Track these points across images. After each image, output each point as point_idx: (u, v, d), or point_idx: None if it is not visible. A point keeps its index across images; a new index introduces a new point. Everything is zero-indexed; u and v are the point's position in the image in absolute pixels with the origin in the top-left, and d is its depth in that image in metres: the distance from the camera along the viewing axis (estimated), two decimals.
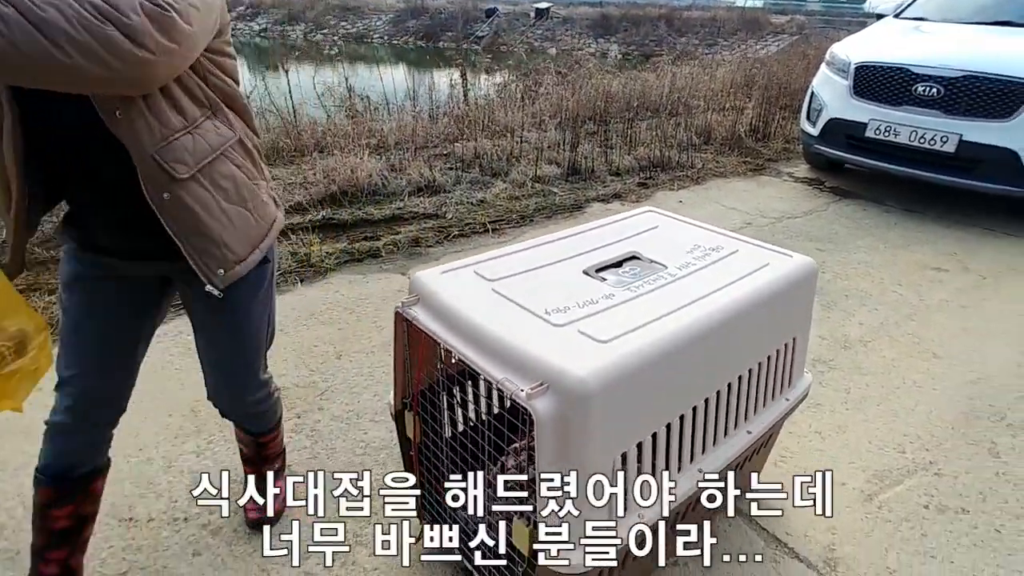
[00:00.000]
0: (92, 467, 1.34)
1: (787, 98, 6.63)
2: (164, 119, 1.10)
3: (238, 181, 1.23)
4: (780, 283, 1.39)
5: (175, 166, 1.11)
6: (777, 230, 3.84)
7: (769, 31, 19.00)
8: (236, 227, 1.22)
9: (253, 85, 5.46)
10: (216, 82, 1.19)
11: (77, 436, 1.30)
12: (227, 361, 1.42)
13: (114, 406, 1.34)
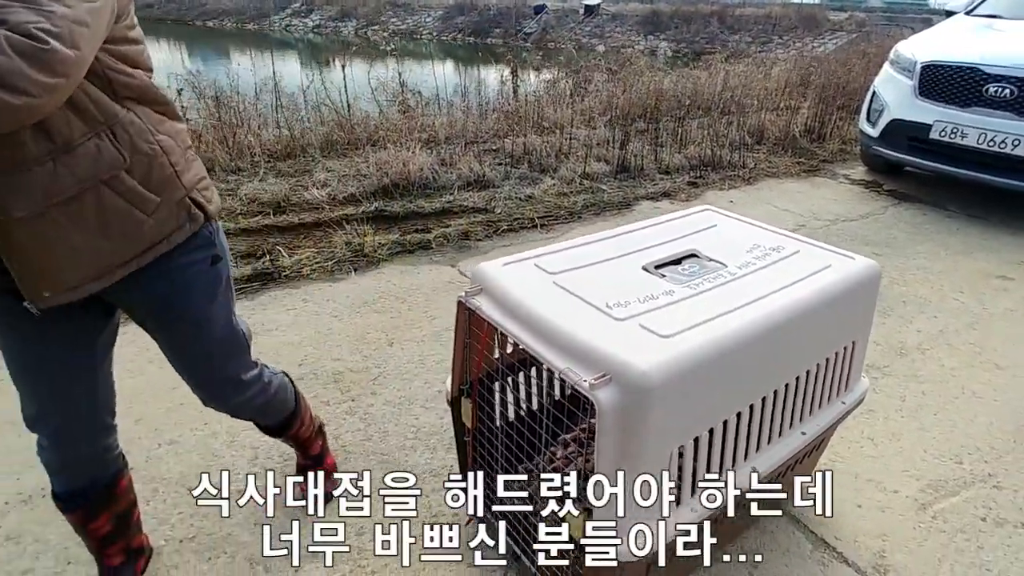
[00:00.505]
0: (106, 478, 1.31)
1: (845, 98, 6.43)
2: (15, 142, 0.92)
3: (107, 211, 1.04)
4: (842, 285, 1.38)
5: (11, 201, 0.95)
6: (831, 233, 3.75)
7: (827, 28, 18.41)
8: (79, 258, 1.05)
9: (310, 80, 5.61)
10: (122, 80, 1.02)
11: (73, 464, 1.26)
12: (197, 367, 1.32)
13: (95, 425, 1.27)
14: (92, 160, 0.99)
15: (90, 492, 1.28)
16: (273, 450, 1.90)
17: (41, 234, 0.99)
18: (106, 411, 1.29)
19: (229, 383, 1.37)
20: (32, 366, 1.16)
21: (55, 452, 1.23)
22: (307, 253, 3.13)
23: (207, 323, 1.27)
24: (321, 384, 2.21)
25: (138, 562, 1.47)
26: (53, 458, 1.24)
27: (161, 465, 1.83)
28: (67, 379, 1.19)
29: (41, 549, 1.55)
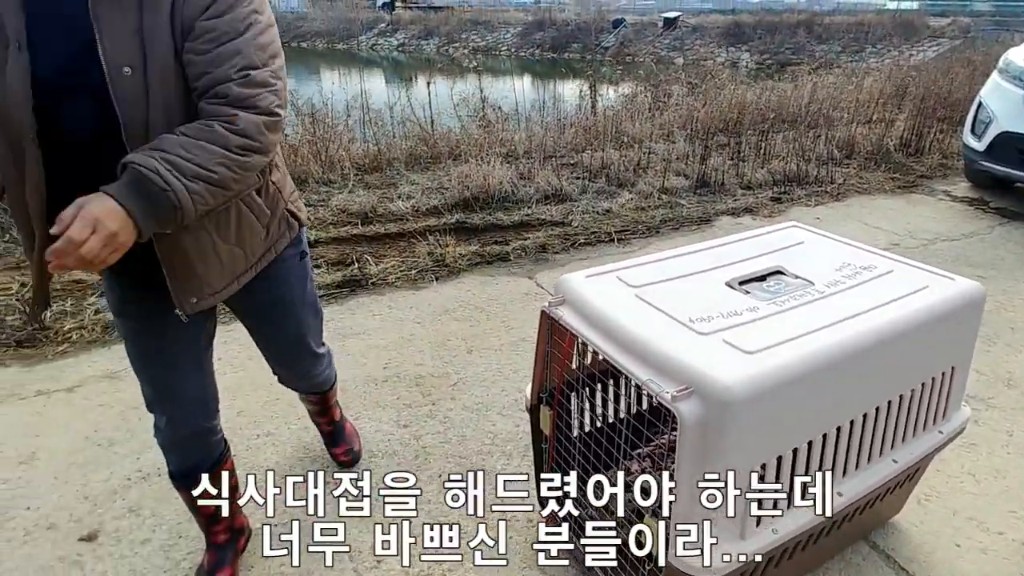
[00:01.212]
0: (212, 460, 1.45)
1: (946, 109, 6.04)
2: None
3: (243, 224, 1.23)
4: (940, 307, 1.32)
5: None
6: (929, 253, 3.53)
7: (926, 35, 17.31)
8: (223, 265, 1.22)
9: (396, 96, 5.88)
10: None
11: (184, 444, 1.41)
12: (291, 350, 1.55)
13: (202, 409, 1.40)
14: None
15: (198, 473, 1.39)
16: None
17: (198, 241, 1.16)
18: (211, 397, 1.44)
19: (311, 357, 1.61)
20: (153, 357, 1.33)
21: (169, 432, 1.39)
22: (392, 262, 3.28)
23: (301, 308, 1.49)
24: (404, 387, 2.32)
25: (239, 541, 1.62)
26: (167, 438, 1.40)
27: (259, 454, 1.97)
28: (180, 368, 1.35)
29: (157, 523, 1.71)
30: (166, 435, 1.40)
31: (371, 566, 1.60)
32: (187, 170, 0.99)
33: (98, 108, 1.01)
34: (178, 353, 1.33)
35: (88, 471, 1.90)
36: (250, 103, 1.05)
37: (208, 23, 1.03)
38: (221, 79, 1.03)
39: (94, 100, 1.01)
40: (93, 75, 0.99)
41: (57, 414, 2.16)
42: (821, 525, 1.27)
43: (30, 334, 2.61)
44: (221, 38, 1.04)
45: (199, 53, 1.03)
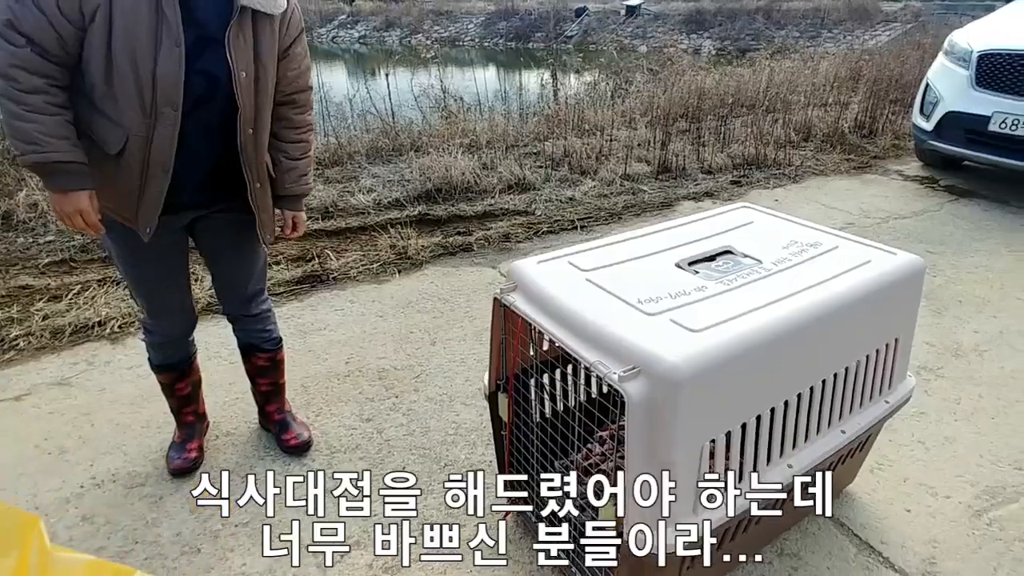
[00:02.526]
0: (190, 354, 1.86)
1: (898, 91, 6.20)
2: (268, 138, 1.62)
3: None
4: (882, 281, 1.36)
5: (270, 170, 1.66)
6: (883, 231, 3.63)
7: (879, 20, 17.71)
8: (273, 214, 1.72)
9: (356, 89, 5.79)
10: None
11: (174, 346, 1.80)
12: (247, 274, 1.80)
13: (190, 317, 1.80)
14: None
15: (179, 365, 1.84)
16: (321, 442, 1.99)
17: (267, 188, 1.68)
18: (192, 302, 1.81)
19: (263, 286, 1.89)
20: (164, 274, 1.67)
21: (162, 336, 1.77)
22: (354, 256, 3.24)
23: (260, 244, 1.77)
24: (367, 381, 2.30)
25: (203, 423, 1.98)
26: (161, 340, 1.78)
27: (219, 455, 1.94)
28: (179, 278, 1.73)
29: (112, 530, 1.67)
30: (160, 340, 1.77)
31: (334, 561, 1.58)
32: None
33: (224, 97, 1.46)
34: (180, 275, 1.72)
35: (38, 480, 1.84)
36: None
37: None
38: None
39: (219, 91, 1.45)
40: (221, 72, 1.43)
41: (4, 423, 2.08)
42: (775, 498, 1.29)
43: None
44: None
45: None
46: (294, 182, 1.69)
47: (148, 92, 1.35)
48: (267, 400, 1.98)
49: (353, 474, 1.84)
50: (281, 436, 1.96)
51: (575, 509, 1.48)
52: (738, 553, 1.48)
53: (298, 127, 1.67)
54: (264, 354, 1.90)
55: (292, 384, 2.26)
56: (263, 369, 1.93)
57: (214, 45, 1.40)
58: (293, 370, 2.35)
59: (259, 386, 1.96)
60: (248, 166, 1.54)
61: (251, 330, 1.88)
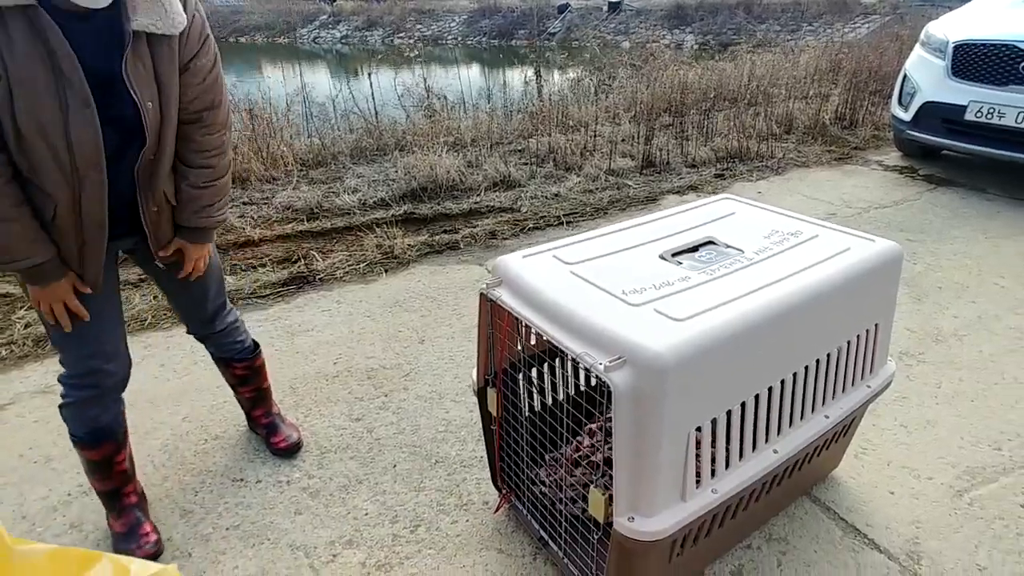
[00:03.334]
0: (123, 407, 1.61)
1: (877, 83, 6.29)
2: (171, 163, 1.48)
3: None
4: (861, 267, 1.38)
5: (169, 197, 1.50)
6: (864, 220, 3.68)
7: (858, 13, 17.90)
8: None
9: (339, 89, 5.76)
10: None
11: (116, 388, 1.55)
12: (201, 295, 1.69)
13: (127, 361, 1.58)
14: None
15: (115, 426, 1.57)
16: (311, 442, 1.99)
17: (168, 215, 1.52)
18: (128, 353, 1.59)
19: (225, 301, 1.78)
20: (100, 312, 1.48)
21: (94, 388, 1.51)
22: (340, 257, 3.23)
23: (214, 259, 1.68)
24: (356, 381, 2.29)
25: (144, 504, 1.71)
26: (91, 394, 1.51)
27: (208, 459, 1.93)
28: (116, 315, 1.56)
29: (102, 536, 1.65)
30: (90, 394, 1.50)
31: (327, 560, 1.58)
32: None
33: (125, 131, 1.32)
34: (116, 311, 1.55)
35: (24, 489, 1.83)
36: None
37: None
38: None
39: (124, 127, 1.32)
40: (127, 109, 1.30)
41: None
42: (760, 483, 1.32)
43: None
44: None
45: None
46: (195, 213, 1.51)
47: (65, 158, 1.24)
48: (253, 406, 1.96)
49: (344, 474, 1.86)
50: (270, 439, 1.95)
51: (566, 500, 1.50)
52: (726, 538, 1.51)
53: (204, 150, 1.48)
54: (241, 363, 1.85)
55: (281, 385, 2.26)
56: (243, 378, 1.89)
57: (113, 83, 1.26)
58: (281, 371, 2.34)
59: (242, 393, 1.93)
60: (142, 191, 1.40)
61: (222, 344, 1.81)
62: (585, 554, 1.40)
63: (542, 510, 1.56)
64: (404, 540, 1.64)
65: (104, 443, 1.56)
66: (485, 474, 1.84)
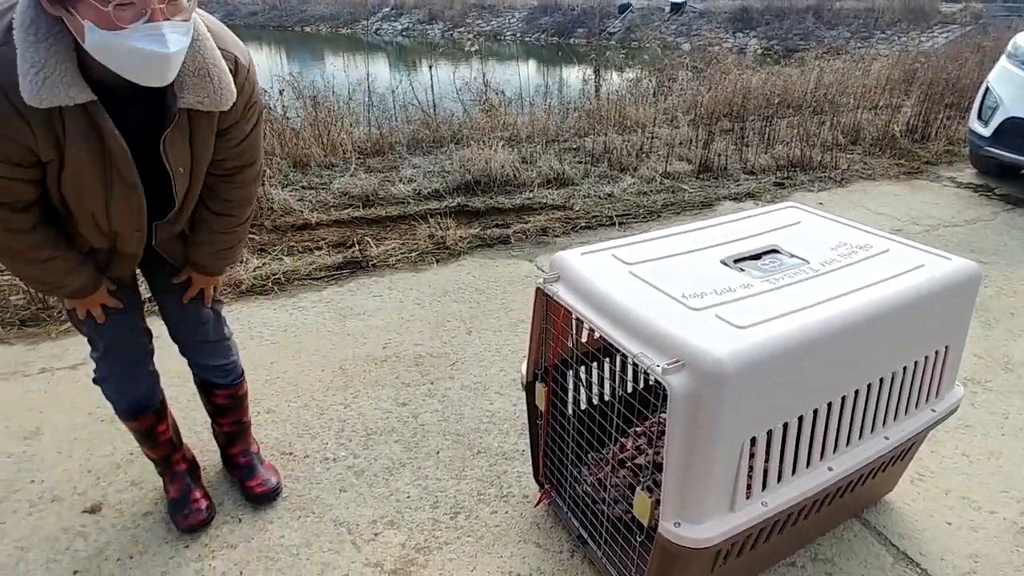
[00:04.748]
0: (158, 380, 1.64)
1: (954, 95, 6.00)
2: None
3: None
4: (934, 286, 1.33)
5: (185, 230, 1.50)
6: (932, 238, 3.52)
7: (937, 21, 17.08)
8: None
9: (399, 81, 5.85)
10: None
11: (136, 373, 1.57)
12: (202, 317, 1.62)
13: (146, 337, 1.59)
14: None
15: (151, 398, 1.61)
16: (357, 423, 2.04)
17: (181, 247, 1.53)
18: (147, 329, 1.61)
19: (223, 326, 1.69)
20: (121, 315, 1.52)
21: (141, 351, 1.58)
22: (393, 244, 3.29)
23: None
24: (403, 366, 2.34)
25: (198, 469, 1.77)
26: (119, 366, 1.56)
27: (260, 431, 2.00)
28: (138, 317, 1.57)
29: (159, 496, 1.74)
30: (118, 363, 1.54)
31: (368, 539, 1.62)
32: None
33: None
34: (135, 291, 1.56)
35: (91, 446, 1.93)
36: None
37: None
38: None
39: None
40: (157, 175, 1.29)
41: (60, 391, 2.18)
42: (812, 500, 1.28)
43: (34, 313, 2.63)
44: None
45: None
46: (211, 255, 1.50)
47: (104, 225, 1.29)
48: (230, 441, 1.79)
49: (388, 456, 1.90)
50: (246, 482, 1.74)
51: (609, 501, 1.49)
52: (771, 554, 1.48)
53: (229, 200, 1.46)
54: (223, 390, 1.69)
55: (331, 365, 2.33)
56: (222, 408, 1.73)
57: (149, 153, 1.25)
58: (333, 351, 2.41)
59: (220, 426, 1.77)
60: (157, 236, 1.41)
61: (205, 364, 1.66)
62: (625, 556, 1.39)
63: (583, 508, 1.55)
64: (444, 526, 1.66)
65: (142, 415, 1.59)
66: (526, 467, 1.85)
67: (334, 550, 1.59)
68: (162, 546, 1.60)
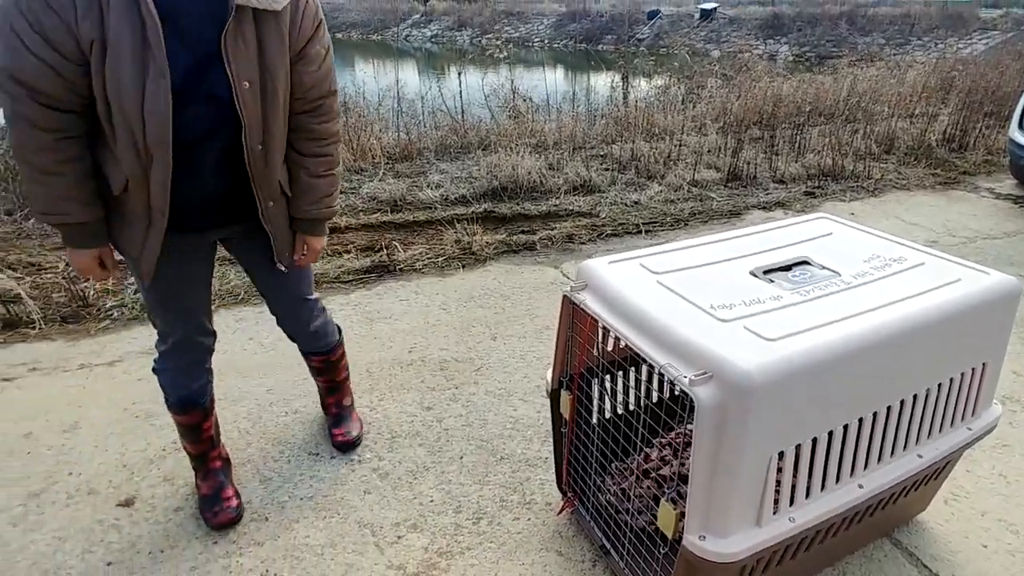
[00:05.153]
0: (211, 379, 1.70)
1: (994, 104, 5.84)
2: (283, 152, 1.47)
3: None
4: (971, 301, 1.29)
5: (284, 186, 1.50)
6: (969, 251, 3.43)
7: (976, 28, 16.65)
8: (291, 233, 1.58)
9: (428, 87, 5.92)
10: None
11: (199, 361, 1.64)
12: (292, 294, 1.72)
13: (212, 326, 1.66)
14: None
15: (202, 395, 1.67)
16: (383, 426, 2.06)
17: (284, 210, 1.55)
18: (209, 329, 1.66)
19: (314, 303, 1.79)
20: (187, 290, 1.56)
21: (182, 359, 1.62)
22: (420, 249, 3.32)
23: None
24: (429, 370, 2.36)
25: (230, 467, 1.82)
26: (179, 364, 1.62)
27: (287, 431, 2.04)
28: (203, 295, 1.61)
29: (190, 492, 1.78)
30: (177, 364, 1.61)
31: (391, 541, 1.64)
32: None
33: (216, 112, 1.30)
34: (203, 292, 1.61)
35: (127, 441, 1.99)
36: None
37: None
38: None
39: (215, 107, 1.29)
40: (221, 89, 1.27)
41: (98, 387, 2.25)
42: (841, 517, 1.26)
43: (74, 311, 2.72)
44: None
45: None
46: (313, 203, 1.53)
47: (139, 132, 1.23)
48: (327, 393, 2.01)
49: (412, 459, 1.92)
50: (332, 429, 1.98)
51: (633, 512, 1.49)
52: (797, 571, 1.45)
53: (321, 138, 1.49)
54: (318, 356, 1.89)
55: (357, 368, 2.36)
56: (318, 369, 1.94)
57: (212, 60, 1.25)
58: (360, 355, 2.44)
59: (318, 381, 1.99)
60: (258, 184, 1.41)
61: (306, 341, 1.83)
62: (648, 568, 1.38)
63: (606, 518, 1.55)
64: (466, 531, 1.67)
65: (191, 411, 1.66)
66: (549, 475, 1.85)
67: (358, 551, 1.61)
68: (192, 541, 1.64)
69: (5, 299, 2.69)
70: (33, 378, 2.30)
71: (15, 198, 3.68)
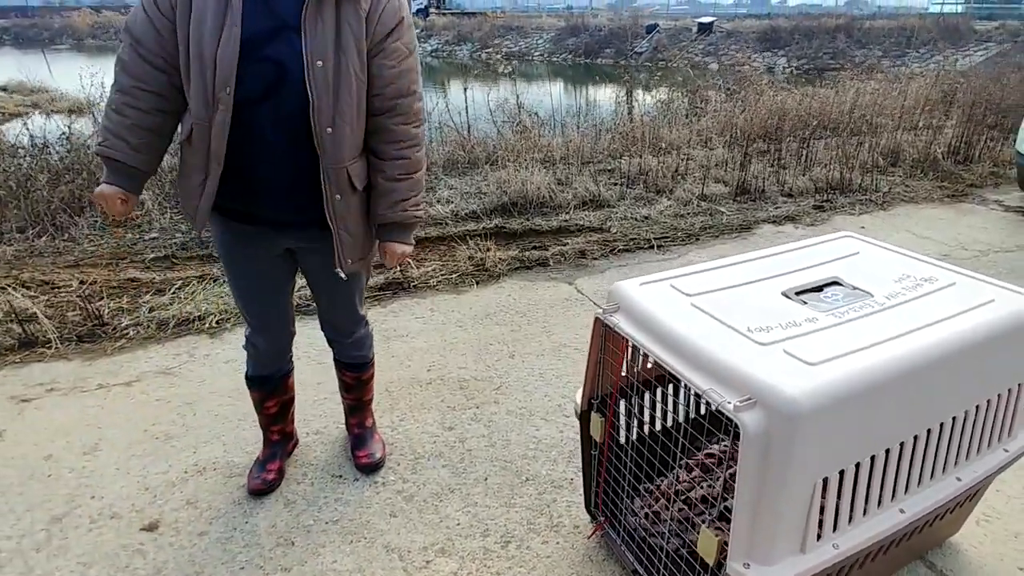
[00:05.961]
0: (284, 371, 1.84)
1: (996, 116, 5.87)
2: (356, 143, 1.49)
3: (367, 207, 1.60)
4: (1008, 322, 1.29)
5: (355, 180, 1.51)
6: (981, 265, 3.43)
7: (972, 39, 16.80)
8: (364, 237, 1.61)
9: (434, 103, 5.95)
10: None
11: (270, 356, 1.79)
12: (345, 307, 1.78)
13: (288, 331, 1.80)
14: (365, 166, 1.60)
15: (272, 378, 1.82)
16: (405, 447, 2.05)
17: (357, 207, 1.58)
18: (293, 319, 1.81)
19: (360, 316, 1.85)
20: (265, 290, 1.69)
21: (261, 346, 1.76)
22: (433, 265, 3.32)
23: (357, 280, 1.75)
24: (448, 389, 2.35)
25: (288, 444, 1.98)
26: (258, 349, 1.77)
27: (309, 452, 2.02)
28: (281, 298, 1.74)
29: (214, 516, 1.76)
30: (256, 349, 1.76)
31: (420, 566, 1.62)
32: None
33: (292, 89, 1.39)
34: (281, 295, 1.73)
35: (148, 463, 1.97)
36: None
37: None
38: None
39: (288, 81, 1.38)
40: (293, 64, 1.37)
41: (117, 407, 2.24)
42: (883, 542, 1.25)
43: (90, 330, 2.71)
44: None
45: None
46: (390, 207, 1.53)
47: (210, 75, 1.35)
48: (350, 412, 2.02)
49: (436, 481, 1.90)
50: (356, 450, 1.98)
51: (668, 536, 1.47)
52: None
53: (399, 140, 1.50)
54: (351, 372, 1.91)
55: (377, 388, 2.33)
56: (349, 385, 1.95)
57: (288, 32, 1.36)
58: (378, 374, 2.41)
59: (345, 398, 2.00)
60: (325, 170, 1.44)
61: (342, 349, 1.88)
62: None
63: (639, 542, 1.53)
64: (495, 555, 1.65)
65: (254, 389, 1.84)
66: (575, 497, 1.83)
67: None
68: (218, 567, 1.62)
69: (21, 318, 2.68)
70: (52, 398, 2.29)
71: (27, 215, 3.69)
